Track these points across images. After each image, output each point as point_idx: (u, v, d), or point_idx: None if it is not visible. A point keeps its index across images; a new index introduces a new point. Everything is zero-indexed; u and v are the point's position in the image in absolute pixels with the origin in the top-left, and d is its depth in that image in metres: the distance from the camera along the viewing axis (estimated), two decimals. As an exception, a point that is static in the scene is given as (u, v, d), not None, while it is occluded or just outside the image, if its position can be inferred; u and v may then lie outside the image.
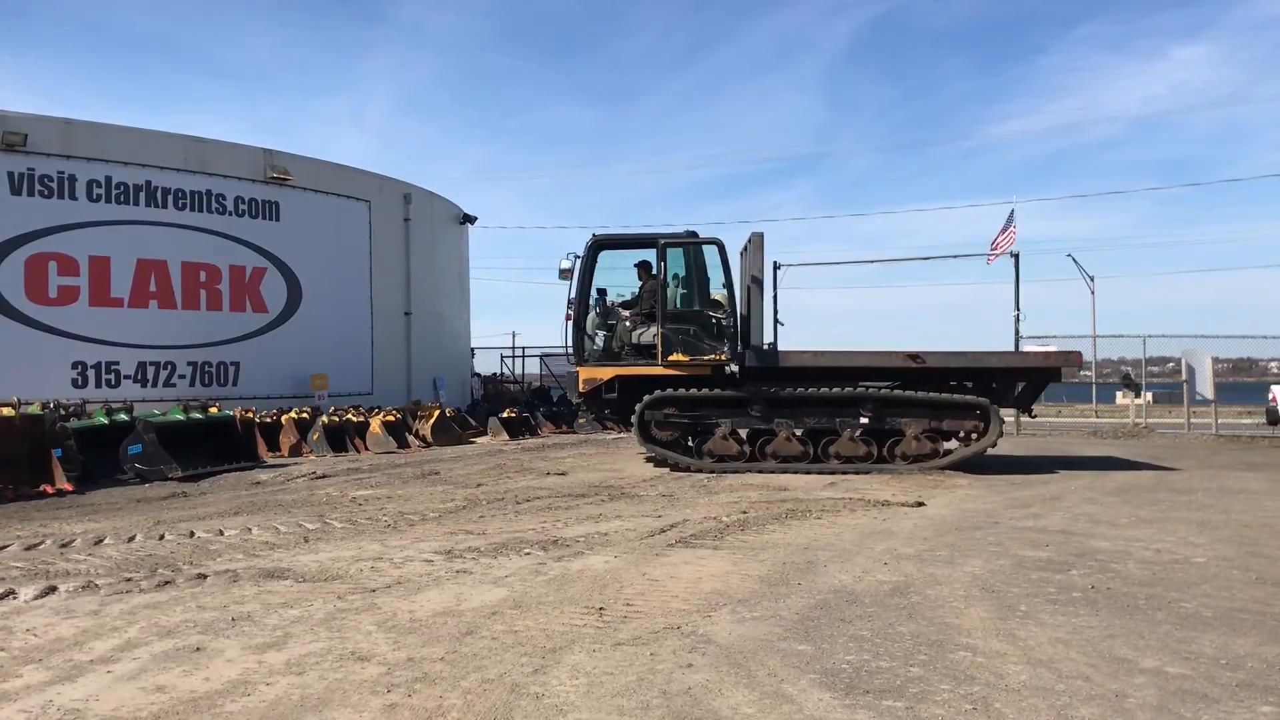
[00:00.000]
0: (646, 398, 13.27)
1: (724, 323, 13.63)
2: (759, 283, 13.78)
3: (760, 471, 12.88)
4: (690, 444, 13.38)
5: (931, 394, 12.86)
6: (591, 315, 14.28)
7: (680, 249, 14.02)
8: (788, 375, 13.29)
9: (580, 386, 14.23)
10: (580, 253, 14.04)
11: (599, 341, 14.25)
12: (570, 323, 14.03)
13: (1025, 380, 13.54)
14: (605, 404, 14.71)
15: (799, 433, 13.10)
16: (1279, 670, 4.46)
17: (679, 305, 14.02)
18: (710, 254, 13.96)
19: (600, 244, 14.29)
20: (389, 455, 16.07)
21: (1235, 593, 6.03)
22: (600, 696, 4.13)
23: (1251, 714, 3.93)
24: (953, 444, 13.03)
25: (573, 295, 13.97)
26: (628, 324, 14.08)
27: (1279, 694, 4.14)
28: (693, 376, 13.42)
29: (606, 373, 13.90)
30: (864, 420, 12.83)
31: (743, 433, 13.38)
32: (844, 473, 12.61)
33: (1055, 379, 13.86)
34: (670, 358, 13.47)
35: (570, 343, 14.16)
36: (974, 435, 12.82)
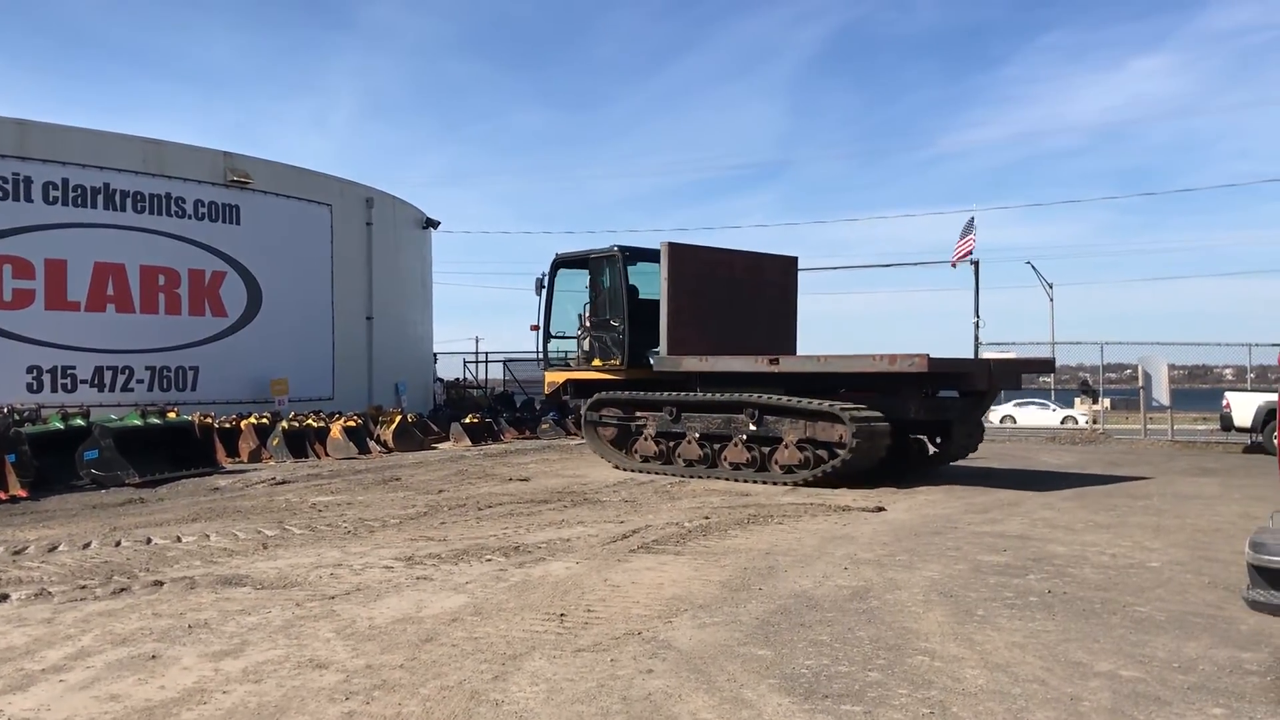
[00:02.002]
0: (589, 400, 14.74)
1: (619, 330, 14.78)
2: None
3: (664, 475, 13.28)
4: (626, 443, 14.49)
5: (790, 401, 12.18)
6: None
7: (607, 263, 15.25)
8: (689, 380, 13.82)
9: (545, 388, 16.62)
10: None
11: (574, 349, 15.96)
12: (538, 332, 16.03)
13: (880, 388, 12.25)
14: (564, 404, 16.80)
15: (698, 437, 13.26)
16: (1230, 673, 4.54)
17: (598, 315, 15.25)
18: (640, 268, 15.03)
19: (561, 262, 16.12)
20: (350, 461, 15.95)
21: (1188, 597, 6.13)
22: (560, 703, 4.12)
23: (1203, 716, 4.00)
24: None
25: (541, 307, 16.03)
26: (579, 333, 15.49)
27: (1230, 696, 4.22)
28: (631, 380, 14.66)
29: (560, 376, 15.94)
30: (752, 427, 12.63)
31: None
32: (731, 479, 12.57)
33: (957, 385, 12.37)
34: (593, 363, 15.16)
35: (539, 349, 16.39)
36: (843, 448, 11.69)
